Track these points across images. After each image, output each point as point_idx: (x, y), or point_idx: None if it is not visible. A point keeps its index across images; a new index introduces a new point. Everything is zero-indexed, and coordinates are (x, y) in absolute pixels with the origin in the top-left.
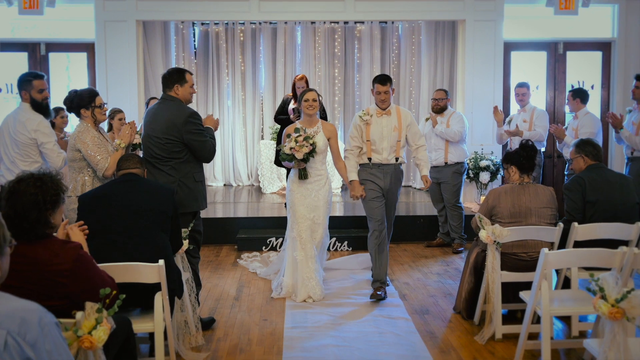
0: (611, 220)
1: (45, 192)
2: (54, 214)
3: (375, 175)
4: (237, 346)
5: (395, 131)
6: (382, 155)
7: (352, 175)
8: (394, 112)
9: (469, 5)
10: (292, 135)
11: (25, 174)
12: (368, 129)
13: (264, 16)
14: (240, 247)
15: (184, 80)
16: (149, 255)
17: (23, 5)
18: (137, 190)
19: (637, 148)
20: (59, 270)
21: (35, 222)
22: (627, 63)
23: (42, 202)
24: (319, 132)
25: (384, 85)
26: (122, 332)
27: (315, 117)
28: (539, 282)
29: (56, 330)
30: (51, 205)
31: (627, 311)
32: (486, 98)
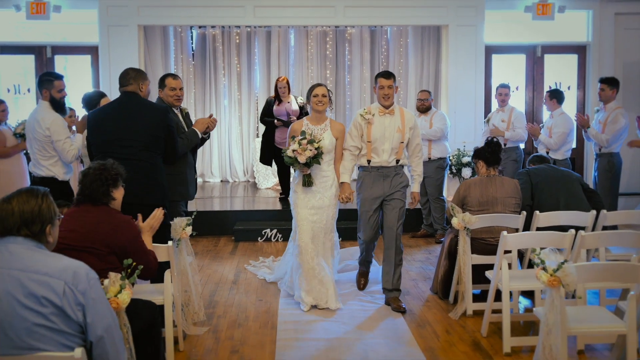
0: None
1: (104, 171)
2: (115, 190)
3: (374, 181)
4: (235, 322)
5: (399, 132)
6: (382, 158)
7: (344, 177)
8: (397, 113)
9: (452, 11)
10: (296, 138)
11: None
12: (369, 129)
13: (258, 21)
14: (237, 238)
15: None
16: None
17: (30, 11)
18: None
19: (602, 145)
20: (115, 244)
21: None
22: (601, 65)
23: (105, 180)
24: (326, 130)
25: (387, 79)
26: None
27: (324, 114)
28: (500, 261)
29: (98, 284)
30: (112, 181)
31: (562, 279)
32: (468, 98)
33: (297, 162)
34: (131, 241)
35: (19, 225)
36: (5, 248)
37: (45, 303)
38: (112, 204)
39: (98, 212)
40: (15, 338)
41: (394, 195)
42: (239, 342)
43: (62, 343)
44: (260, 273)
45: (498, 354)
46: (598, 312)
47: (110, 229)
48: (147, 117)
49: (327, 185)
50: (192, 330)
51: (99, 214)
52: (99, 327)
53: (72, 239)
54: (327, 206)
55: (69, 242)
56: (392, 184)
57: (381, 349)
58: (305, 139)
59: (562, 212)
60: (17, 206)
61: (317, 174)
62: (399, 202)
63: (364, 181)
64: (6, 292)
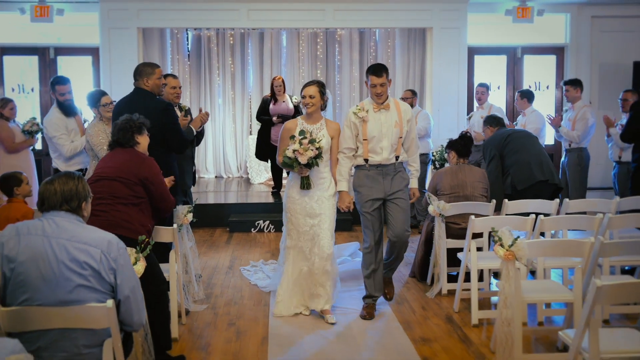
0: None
1: (130, 121)
2: (140, 136)
3: (373, 179)
4: (232, 300)
5: (397, 127)
6: (381, 155)
7: (342, 185)
8: (392, 106)
9: (436, 14)
10: (296, 137)
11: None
12: (365, 127)
13: (252, 24)
14: (232, 229)
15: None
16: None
17: (35, 14)
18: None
19: (574, 141)
20: (141, 174)
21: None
22: (578, 65)
23: (130, 127)
24: (322, 129)
25: (379, 77)
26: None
27: (318, 114)
28: (469, 243)
29: (126, 252)
30: (137, 129)
31: (516, 253)
32: (452, 97)
33: (297, 163)
34: (153, 174)
35: (61, 202)
36: (52, 221)
37: (85, 267)
38: (137, 147)
39: (127, 152)
40: (61, 294)
41: (398, 194)
42: (235, 317)
43: (97, 299)
44: (254, 279)
45: (467, 326)
46: (550, 284)
47: (137, 163)
48: (148, 109)
49: (324, 187)
50: (193, 307)
51: (128, 154)
52: (126, 287)
53: (107, 172)
54: (326, 211)
55: (106, 174)
56: (394, 183)
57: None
58: (306, 138)
59: (529, 200)
60: (58, 186)
61: (314, 176)
62: (404, 203)
63: (362, 181)
64: (54, 257)
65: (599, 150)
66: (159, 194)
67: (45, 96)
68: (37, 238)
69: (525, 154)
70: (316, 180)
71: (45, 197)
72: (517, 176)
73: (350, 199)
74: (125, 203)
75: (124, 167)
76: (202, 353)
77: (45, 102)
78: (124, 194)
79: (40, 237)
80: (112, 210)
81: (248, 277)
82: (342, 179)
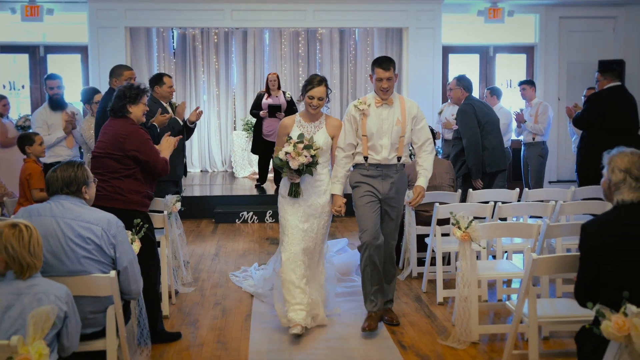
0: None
1: (128, 90)
2: (133, 105)
3: (371, 179)
4: (218, 283)
5: (398, 125)
6: (381, 154)
7: (335, 187)
8: (396, 102)
9: (412, 15)
10: (292, 139)
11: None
12: (364, 121)
13: (235, 23)
14: (217, 220)
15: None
16: None
17: (25, 13)
18: None
19: (539, 133)
20: (127, 149)
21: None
22: (547, 64)
23: (124, 96)
24: (321, 127)
25: (386, 70)
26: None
27: (319, 112)
28: (434, 228)
29: (124, 230)
30: (130, 99)
31: (471, 234)
32: (427, 94)
33: (287, 167)
34: (138, 147)
35: (61, 187)
36: (59, 203)
37: (89, 242)
38: (129, 116)
39: (116, 124)
40: (69, 265)
41: (392, 202)
42: (220, 298)
43: (100, 269)
44: (245, 285)
45: (433, 304)
46: (504, 263)
47: (122, 138)
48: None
49: (320, 190)
50: (182, 289)
51: (116, 126)
52: (124, 260)
53: (99, 148)
54: (320, 214)
55: (98, 151)
56: (392, 188)
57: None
58: (302, 143)
59: (493, 190)
60: (59, 173)
61: (310, 178)
62: (396, 212)
63: (359, 179)
64: (62, 234)
65: (567, 145)
66: (147, 163)
67: (36, 93)
68: (47, 219)
69: (498, 140)
70: (312, 182)
71: (49, 182)
72: (490, 158)
73: (343, 201)
74: (118, 177)
75: (111, 143)
76: (191, 328)
77: (35, 98)
78: (116, 169)
79: (49, 218)
80: (107, 186)
81: (239, 284)
82: (337, 181)
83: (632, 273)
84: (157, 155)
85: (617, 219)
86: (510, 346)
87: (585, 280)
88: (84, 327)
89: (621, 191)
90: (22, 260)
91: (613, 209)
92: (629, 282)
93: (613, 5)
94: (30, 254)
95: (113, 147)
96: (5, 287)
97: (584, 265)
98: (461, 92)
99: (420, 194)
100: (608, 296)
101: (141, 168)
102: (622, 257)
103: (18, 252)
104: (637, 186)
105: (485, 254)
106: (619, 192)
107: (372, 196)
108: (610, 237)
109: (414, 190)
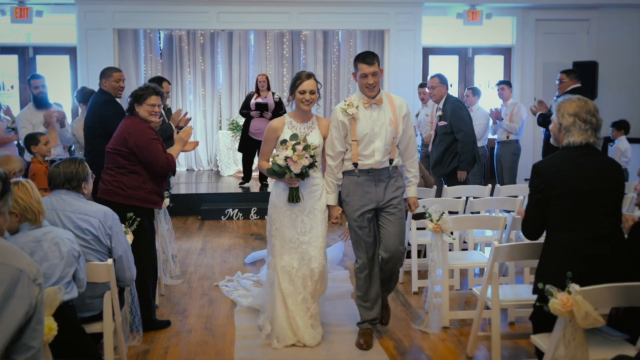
0: None
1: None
2: (137, 105)
3: (364, 187)
4: (204, 276)
5: (392, 125)
6: (373, 159)
7: (330, 198)
8: (385, 100)
9: (393, 17)
10: (288, 142)
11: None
12: (354, 126)
13: (221, 25)
14: (203, 217)
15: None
16: None
17: (15, 15)
18: None
19: (513, 132)
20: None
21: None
22: (524, 65)
23: (132, 96)
24: (314, 128)
25: (370, 65)
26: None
27: (310, 111)
28: (410, 223)
29: (119, 222)
30: (135, 99)
31: (442, 226)
32: (408, 95)
33: (289, 173)
34: (138, 145)
35: (63, 182)
36: (59, 197)
37: (87, 232)
38: (139, 115)
39: (126, 121)
40: None
41: (392, 203)
42: (207, 289)
43: (97, 258)
44: (235, 296)
45: (408, 293)
46: (474, 254)
47: (126, 134)
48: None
49: (315, 196)
50: (170, 282)
51: (125, 123)
52: (119, 249)
53: (111, 144)
54: (318, 222)
55: (109, 147)
56: (388, 191)
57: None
58: (300, 144)
59: (468, 186)
60: (62, 169)
61: (305, 183)
62: (399, 214)
63: (350, 189)
64: (62, 225)
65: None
66: (146, 161)
67: (25, 93)
68: (48, 212)
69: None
70: (307, 188)
71: (52, 177)
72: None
73: (338, 212)
74: (123, 173)
75: (119, 140)
76: (179, 316)
77: (24, 98)
78: (122, 164)
79: (51, 211)
80: (113, 180)
81: (228, 295)
82: (331, 191)
83: (577, 207)
84: (158, 154)
85: (567, 159)
86: (475, 328)
87: (532, 214)
88: (83, 311)
89: (572, 133)
90: (33, 208)
91: (562, 149)
92: (573, 215)
93: (587, 9)
94: (37, 202)
95: (120, 143)
96: (24, 237)
97: (533, 200)
98: (444, 90)
99: (415, 205)
100: (553, 228)
101: (143, 165)
102: (569, 193)
103: (27, 202)
104: (585, 128)
105: (458, 246)
106: (569, 135)
107: (365, 214)
108: (560, 174)
109: (411, 203)
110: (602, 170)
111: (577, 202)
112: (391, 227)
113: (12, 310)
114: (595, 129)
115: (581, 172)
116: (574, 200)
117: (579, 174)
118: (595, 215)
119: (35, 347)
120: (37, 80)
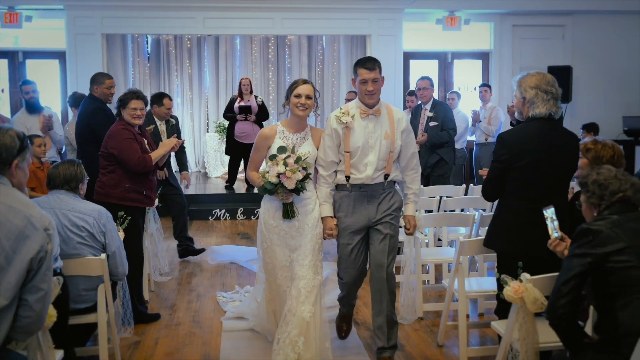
0: None
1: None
2: (122, 109)
3: (355, 204)
4: (192, 273)
5: (387, 139)
6: (365, 173)
7: (324, 209)
8: (384, 112)
9: (374, 23)
10: (278, 157)
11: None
12: (347, 135)
13: (208, 30)
14: (191, 217)
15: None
16: None
17: (4, 20)
18: None
19: (491, 134)
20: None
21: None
22: (501, 69)
23: (119, 101)
24: (307, 139)
25: (371, 71)
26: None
27: (305, 120)
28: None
29: (112, 220)
30: (120, 103)
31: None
32: (389, 98)
33: (283, 189)
34: (113, 146)
35: (62, 182)
36: (57, 196)
37: (82, 230)
38: (123, 118)
39: (112, 125)
40: (66, 250)
41: (385, 220)
42: (195, 285)
43: (92, 253)
44: (228, 308)
45: None
46: (446, 249)
47: (108, 137)
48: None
49: (307, 209)
50: (159, 278)
51: (111, 127)
52: (113, 245)
53: (101, 147)
54: (309, 237)
55: (100, 150)
56: (381, 208)
57: None
58: (290, 157)
59: (445, 186)
60: (62, 171)
61: (297, 197)
62: (389, 228)
63: (342, 205)
64: (60, 223)
65: None
66: (120, 158)
67: (15, 96)
68: (47, 210)
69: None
70: (299, 202)
71: (51, 177)
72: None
73: (333, 223)
74: (104, 173)
75: (103, 143)
76: (169, 310)
77: (15, 102)
78: (104, 165)
79: (49, 210)
80: (98, 181)
81: (223, 307)
82: (324, 202)
83: (531, 177)
84: (131, 151)
85: (530, 132)
86: (445, 318)
87: (493, 180)
88: (78, 302)
89: (536, 105)
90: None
91: (526, 121)
92: (526, 185)
93: (562, 15)
94: None
95: (103, 145)
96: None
97: (495, 168)
98: (432, 92)
99: (411, 223)
100: (506, 195)
101: (121, 164)
102: (527, 164)
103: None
104: (547, 98)
105: (432, 242)
106: (534, 107)
107: (354, 233)
108: (522, 146)
109: (407, 222)
110: (561, 145)
111: (532, 173)
112: (379, 240)
113: (27, 249)
114: (556, 98)
115: (541, 146)
116: (529, 171)
117: (539, 147)
118: (545, 185)
119: (44, 289)
120: (28, 86)
